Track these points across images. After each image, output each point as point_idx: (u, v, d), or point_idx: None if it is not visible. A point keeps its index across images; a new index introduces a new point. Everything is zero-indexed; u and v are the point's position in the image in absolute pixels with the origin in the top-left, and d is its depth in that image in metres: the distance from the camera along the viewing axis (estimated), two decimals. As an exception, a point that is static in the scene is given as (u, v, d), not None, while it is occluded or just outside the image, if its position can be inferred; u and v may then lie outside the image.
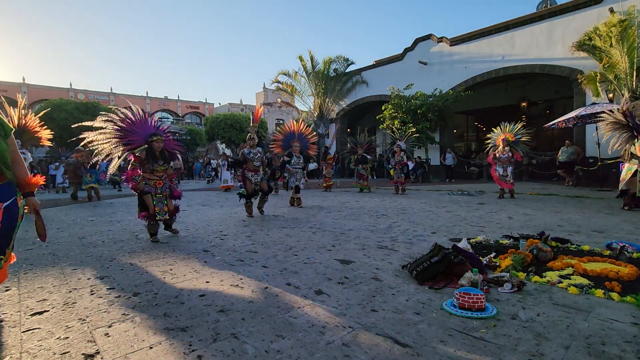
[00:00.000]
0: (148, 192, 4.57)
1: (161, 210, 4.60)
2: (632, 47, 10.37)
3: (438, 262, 2.78)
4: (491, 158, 8.71)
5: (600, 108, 9.64)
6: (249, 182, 6.30)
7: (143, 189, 4.55)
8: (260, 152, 6.43)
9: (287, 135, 7.94)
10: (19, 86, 27.54)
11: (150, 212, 4.54)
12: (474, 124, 21.56)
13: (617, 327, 1.98)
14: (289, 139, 7.85)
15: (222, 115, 28.77)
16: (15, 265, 3.56)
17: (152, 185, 4.60)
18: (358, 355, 1.75)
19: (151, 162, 4.56)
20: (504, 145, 8.51)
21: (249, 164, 6.31)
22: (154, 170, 4.60)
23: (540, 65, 13.65)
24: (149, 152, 4.53)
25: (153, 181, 4.61)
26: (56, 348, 1.90)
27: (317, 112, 21.14)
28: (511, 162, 8.50)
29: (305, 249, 3.90)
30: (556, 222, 5.25)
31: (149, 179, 4.59)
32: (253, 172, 6.34)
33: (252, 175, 6.33)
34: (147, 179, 4.59)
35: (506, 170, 8.41)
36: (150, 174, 4.60)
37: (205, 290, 2.71)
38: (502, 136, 8.74)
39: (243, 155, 6.34)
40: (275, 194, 11.07)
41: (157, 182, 4.62)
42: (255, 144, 6.39)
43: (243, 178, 6.38)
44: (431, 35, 17.12)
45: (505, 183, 8.41)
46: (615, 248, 3.40)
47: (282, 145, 7.97)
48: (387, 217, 6.07)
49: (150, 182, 4.60)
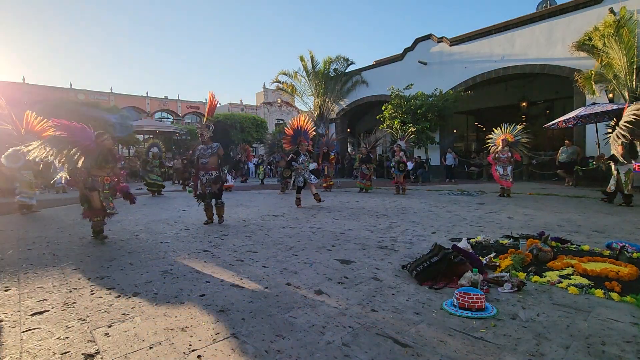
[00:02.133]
0: (95, 189, 4.61)
1: (107, 206, 4.72)
2: (629, 47, 10.39)
3: (438, 262, 2.78)
4: (491, 158, 8.95)
5: (600, 108, 9.66)
6: (200, 181, 5.70)
7: (90, 185, 4.59)
8: (212, 148, 5.67)
9: (296, 130, 7.96)
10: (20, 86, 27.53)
11: (95, 207, 4.61)
12: (474, 124, 21.55)
13: (617, 327, 1.98)
14: (297, 135, 7.88)
15: (222, 115, 28.75)
16: (15, 265, 3.56)
17: (100, 182, 4.67)
18: (358, 355, 1.75)
19: (102, 160, 4.60)
20: (503, 145, 8.73)
21: (199, 163, 5.68)
22: (103, 167, 4.66)
23: (540, 65, 13.65)
24: (100, 150, 4.59)
25: (100, 178, 4.68)
26: (56, 348, 1.90)
27: (317, 112, 21.14)
28: (511, 161, 8.73)
29: (305, 249, 3.90)
30: (556, 222, 5.25)
31: (97, 175, 4.64)
32: (204, 171, 5.68)
33: (203, 174, 5.68)
34: (94, 175, 4.62)
35: (506, 170, 8.67)
36: (100, 170, 4.65)
37: (205, 290, 2.71)
38: (502, 136, 8.94)
39: (194, 153, 5.71)
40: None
41: (104, 179, 4.72)
42: (208, 140, 5.69)
43: (195, 178, 5.78)
44: (431, 35, 17.12)
45: (505, 181, 8.69)
46: (615, 248, 3.40)
47: (292, 141, 8.01)
48: (387, 217, 6.08)
49: (97, 179, 4.64)
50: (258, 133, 28.30)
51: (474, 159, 17.07)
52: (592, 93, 11.66)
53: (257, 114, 35.31)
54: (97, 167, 4.61)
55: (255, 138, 28.05)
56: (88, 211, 4.68)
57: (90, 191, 4.60)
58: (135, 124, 22.36)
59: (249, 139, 26.48)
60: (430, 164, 16.91)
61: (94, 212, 4.64)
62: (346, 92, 20.82)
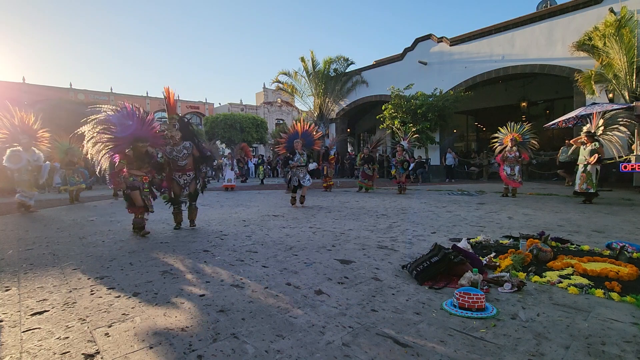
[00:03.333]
0: (136, 188, 4.80)
1: (148, 203, 4.93)
2: (629, 47, 10.39)
3: (438, 262, 2.78)
4: (499, 157, 8.79)
5: (600, 108, 9.66)
6: (175, 183, 5.26)
7: (131, 184, 4.80)
8: (187, 148, 5.18)
9: (291, 136, 8.03)
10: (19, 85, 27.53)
11: (138, 205, 4.83)
12: (474, 124, 21.56)
13: (617, 327, 1.98)
14: (292, 140, 7.90)
15: (222, 115, 28.74)
16: (15, 265, 3.56)
17: (140, 181, 4.86)
18: (358, 355, 1.75)
19: (140, 160, 4.81)
20: (512, 145, 8.57)
21: (173, 164, 5.19)
22: (142, 167, 4.86)
23: (540, 65, 13.66)
24: (136, 152, 4.78)
25: (140, 177, 4.86)
26: (56, 348, 1.90)
27: (317, 112, 21.15)
28: (518, 161, 8.59)
29: (305, 249, 3.90)
30: (556, 222, 5.25)
31: (136, 176, 4.84)
32: (180, 173, 5.24)
33: (180, 175, 5.24)
34: (134, 176, 4.83)
35: (514, 170, 8.55)
36: (138, 170, 4.85)
37: (205, 290, 2.71)
38: (509, 136, 8.77)
39: (165, 155, 5.12)
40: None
41: (143, 178, 4.90)
42: (179, 140, 5.14)
43: (169, 180, 5.32)
44: (431, 35, 17.13)
45: (513, 182, 8.55)
46: (615, 248, 3.40)
47: (287, 147, 8.03)
48: (387, 217, 6.07)
49: (137, 179, 4.84)
50: (258, 133, 28.29)
51: (474, 159, 17.08)
52: (592, 93, 11.67)
53: (257, 114, 35.29)
54: (136, 167, 4.84)
55: (255, 138, 28.04)
56: (131, 208, 4.93)
57: (131, 190, 4.80)
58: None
59: (249, 139, 26.47)
60: (430, 164, 16.92)
61: (138, 210, 4.89)
62: (346, 92, 20.83)
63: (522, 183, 8.79)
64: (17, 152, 7.48)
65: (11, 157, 7.41)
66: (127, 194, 4.87)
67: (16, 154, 7.45)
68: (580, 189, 7.32)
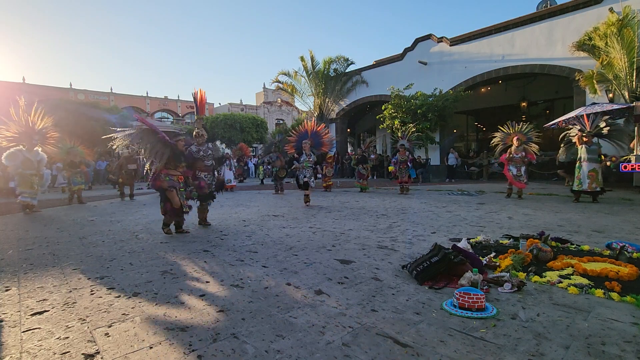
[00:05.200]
0: (173, 187, 4.84)
1: (184, 203, 4.97)
2: (630, 47, 10.38)
3: (438, 262, 2.78)
4: (504, 157, 8.65)
5: (600, 108, 9.65)
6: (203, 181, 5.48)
7: (166, 185, 4.80)
8: (210, 149, 5.54)
9: (300, 136, 8.06)
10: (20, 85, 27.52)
11: (176, 206, 4.83)
12: (474, 124, 21.55)
13: (617, 327, 1.98)
14: (301, 140, 7.94)
15: (222, 115, 28.75)
16: (15, 265, 3.56)
17: (176, 180, 4.92)
18: (358, 355, 1.75)
19: (175, 160, 4.89)
20: (517, 145, 8.45)
21: (199, 164, 5.38)
22: (177, 166, 4.95)
23: (540, 65, 13.65)
24: (174, 151, 4.84)
25: (176, 177, 4.94)
26: (56, 348, 1.90)
27: (317, 112, 21.14)
28: (524, 161, 8.45)
29: (305, 249, 3.90)
30: (556, 222, 5.25)
31: (173, 175, 4.91)
32: (205, 173, 5.48)
33: (205, 175, 5.49)
34: (170, 175, 4.88)
35: (520, 170, 8.42)
36: (174, 170, 4.93)
37: (205, 290, 2.71)
38: (515, 136, 8.63)
39: (191, 154, 5.29)
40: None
41: (179, 178, 4.98)
42: (204, 141, 5.49)
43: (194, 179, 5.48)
44: (431, 35, 17.12)
45: (519, 182, 8.41)
46: (615, 248, 3.40)
47: (295, 146, 8.08)
48: (387, 217, 6.07)
49: (173, 178, 4.91)
50: (258, 133, 28.27)
51: (474, 159, 17.07)
52: (595, 92, 11.63)
53: (257, 114, 35.28)
54: (172, 166, 4.90)
55: (255, 138, 28.03)
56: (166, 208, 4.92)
57: (169, 190, 4.83)
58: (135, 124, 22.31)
59: (249, 139, 26.47)
60: (431, 164, 16.91)
61: (175, 211, 4.90)
62: (346, 92, 20.81)
63: (527, 184, 8.68)
64: (16, 152, 7.49)
65: (9, 155, 7.43)
66: (165, 194, 4.84)
67: (14, 153, 7.46)
68: (591, 188, 7.31)
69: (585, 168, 7.40)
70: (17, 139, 7.52)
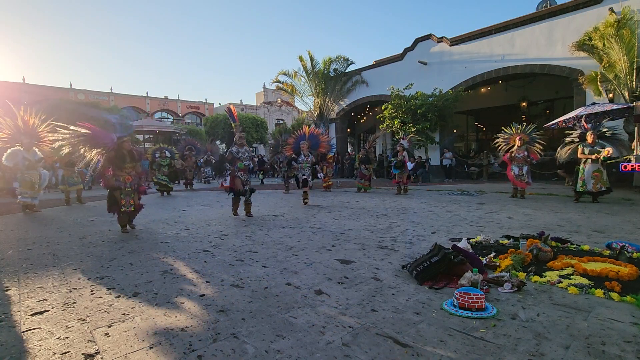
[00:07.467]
0: (118, 188, 5.09)
1: (127, 202, 5.15)
2: (630, 47, 10.37)
3: (438, 262, 2.78)
4: (507, 157, 8.65)
5: (600, 108, 9.65)
6: (239, 180, 6.31)
7: (113, 184, 5.07)
8: (248, 152, 6.46)
9: (298, 138, 8.42)
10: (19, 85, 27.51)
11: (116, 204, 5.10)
12: (474, 124, 21.54)
13: (617, 327, 1.98)
14: (299, 141, 8.28)
15: (222, 115, 28.77)
16: (15, 265, 3.56)
17: (122, 181, 5.12)
18: (358, 355, 1.75)
19: (120, 160, 5.05)
20: (520, 144, 8.44)
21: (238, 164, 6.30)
22: (123, 167, 5.10)
23: (540, 65, 13.64)
24: (118, 152, 5.04)
25: (122, 177, 5.12)
26: (56, 348, 1.90)
27: (317, 112, 21.13)
28: (527, 161, 8.47)
29: (305, 249, 3.90)
30: (556, 222, 5.25)
31: (119, 175, 5.10)
32: (242, 172, 6.35)
33: (242, 174, 6.35)
34: (117, 176, 5.10)
35: (522, 170, 8.44)
36: (120, 170, 5.10)
37: (205, 290, 2.71)
38: (517, 136, 8.62)
39: (231, 154, 6.26)
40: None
41: (126, 178, 5.15)
42: (244, 143, 6.43)
43: (232, 177, 6.33)
44: (431, 35, 17.11)
45: (521, 182, 8.42)
46: (615, 248, 3.40)
47: (293, 148, 8.43)
48: (387, 217, 6.07)
49: (120, 178, 5.11)
50: (258, 133, 28.28)
51: (474, 159, 17.07)
52: (599, 94, 11.60)
53: (257, 114, 35.29)
54: (117, 167, 5.07)
55: (255, 138, 28.04)
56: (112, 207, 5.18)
57: (112, 190, 5.10)
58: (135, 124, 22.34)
59: (249, 139, 26.48)
60: (430, 164, 16.91)
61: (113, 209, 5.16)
62: (346, 92, 20.79)
63: (530, 183, 8.65)
64: (15, 151, 7.49)
65: (9, 155, 7.43)
66: (110, 193, 5.13)
67: (13, 153, 7.46)
68: (596, 188, 7.27)
69: (588, 169, 7.35)
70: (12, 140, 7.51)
